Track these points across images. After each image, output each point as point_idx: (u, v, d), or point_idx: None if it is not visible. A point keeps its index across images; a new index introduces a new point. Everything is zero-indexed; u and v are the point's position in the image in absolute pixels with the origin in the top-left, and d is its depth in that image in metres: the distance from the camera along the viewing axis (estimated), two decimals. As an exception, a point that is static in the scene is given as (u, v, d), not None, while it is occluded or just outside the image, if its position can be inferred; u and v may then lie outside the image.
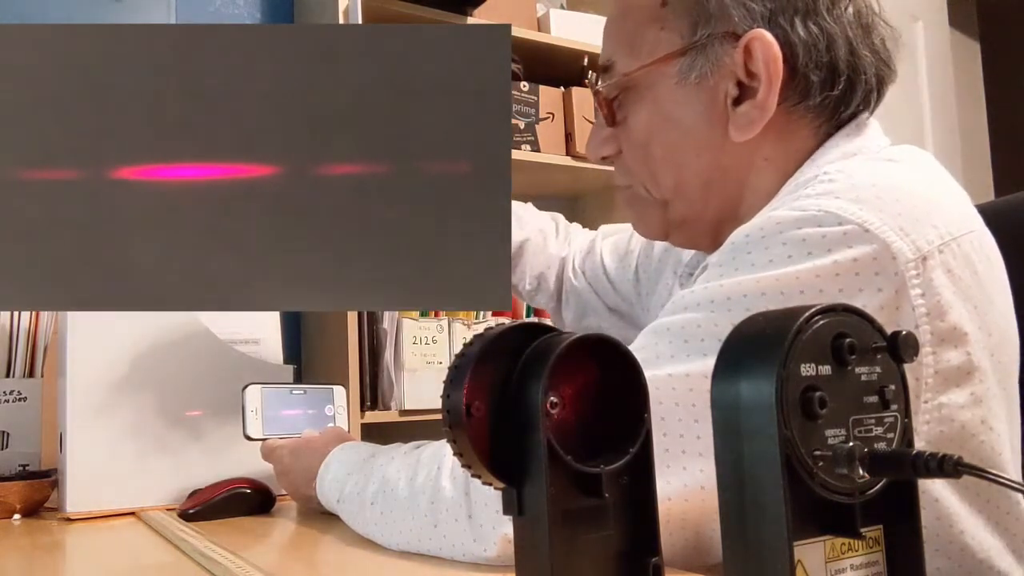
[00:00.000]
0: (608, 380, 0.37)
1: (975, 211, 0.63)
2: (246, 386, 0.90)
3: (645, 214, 0.73)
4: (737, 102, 0.64)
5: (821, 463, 0.28)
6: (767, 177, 0.66)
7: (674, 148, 0.67)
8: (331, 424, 0.94)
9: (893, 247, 0.53)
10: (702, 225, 0.70)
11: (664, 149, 0.68)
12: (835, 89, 0.65)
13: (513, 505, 0.35)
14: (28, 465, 1.09)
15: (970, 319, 0.55)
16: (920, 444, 0.53)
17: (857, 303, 0.42)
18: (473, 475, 0.36)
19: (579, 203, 2.42)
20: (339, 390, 0.97)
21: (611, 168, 0.78)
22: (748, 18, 0.62)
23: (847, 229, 0.53)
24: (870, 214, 0.53)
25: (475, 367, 0.35)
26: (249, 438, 0.89)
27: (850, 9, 0.65)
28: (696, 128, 0.66)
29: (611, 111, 0.70)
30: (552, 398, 0.35)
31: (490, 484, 0.36)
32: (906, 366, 0.31)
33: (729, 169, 0.67)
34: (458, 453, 0.36)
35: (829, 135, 0.66)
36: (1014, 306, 0.63)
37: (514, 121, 1.99)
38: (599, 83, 0.70)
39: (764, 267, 0.54)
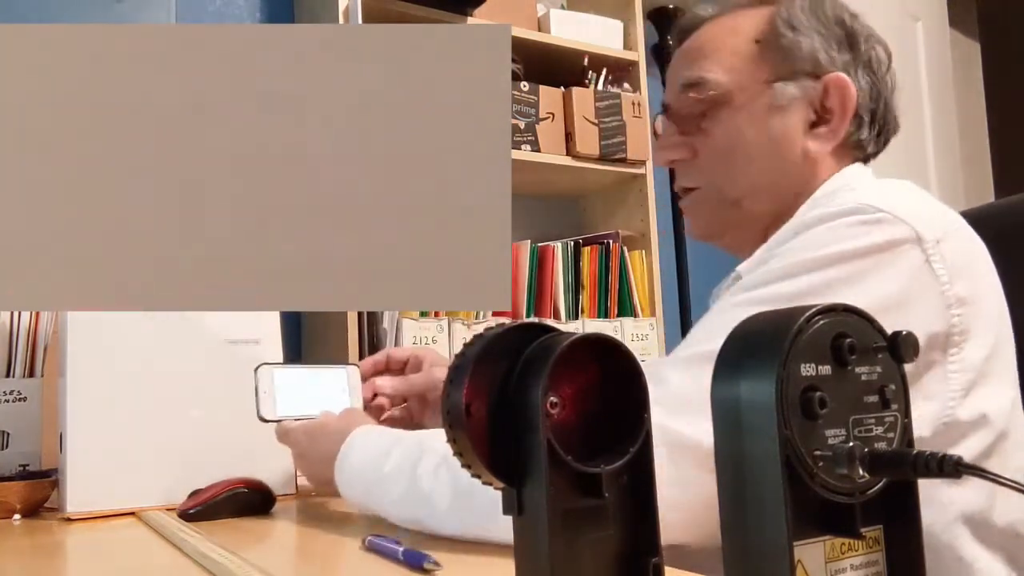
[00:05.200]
0: (608, 380, 0.37)
1: (958, 215, 0.77)
2: (259, 366, 0.88)
3: (711, 212, 0.84)
4: (813, 126, 0.80)
5: (821, 463, 0.28)
6: (813, 188, 0.82)
7: (756, 153, 0.80)
8: (347, 405, 0.93)
9: (918, 229, 0.66)
10: (758, 225, 0.82)
11: (747, 154, 0.81)
12: (871, 132, 0.84)
13: (513, 505, 0.35)
14: (28, 465, 1.09)
15: (968, 292, 0.67)
16: (950, 393, 0.65)
17: (896, 272, 0.64)
18: (473, 475, 0.36)
19: (579, 203, 2.42)
20: (352, 369, 0.97)
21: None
22: (830, 63, 0.80)
23: (880, 216, 0.66)
24: (896, 208, 0.67)
25: (475, 367, 0.35)
26: (263, 419, 0.86)
27: (891, 71, 0.87)
28: (777, 140, 0.80)
29: (693, 120, 0.82)
30: (552, 398, 0.35)
31: (490, 484, 0.36)
32: (937, 323, 0.31)
33: (792, 176, 0.81)
34: (458, 453, 0.36)
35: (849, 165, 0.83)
36: (1016, 303, 0.73)
37: (514, 121, 1.99)
38: (686, 95, 0.82)
39: (818, 248, 0.65)
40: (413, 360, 1.02)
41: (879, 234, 0.65)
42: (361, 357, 1.75)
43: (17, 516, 0.93)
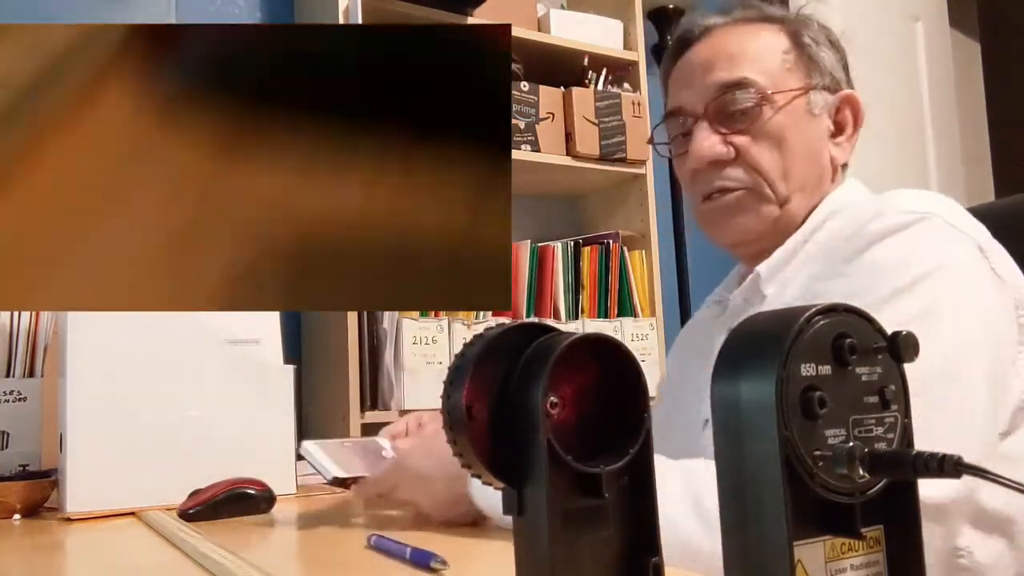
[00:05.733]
0: (608, 380, 0.37)
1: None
2: (302, 444, 0.86)
3: (756, 213, 0.85)
4: (832, 136, 0.86)
5: (821, 463, 0.28)
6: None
7: (801, 153, 0.84)
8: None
9: (974, 237, 0.72)
10: (789, 230, 0.85)
11: (793, 152, 0.83)
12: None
13: (513, 505, 0.35)
14: (28, 465, 1.09)
15: (1019, 294, 0.73)
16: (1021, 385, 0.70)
17: (983, 276, 0.70)
18: (473, 475, 0.36)
19: (579, 203, 2.42)
20: (383, 440, 0.94)
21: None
22: (845, 81, 0.88)
23: (949, 223, 0.71)
24: (956, 218, 0.73)
25: (475, 367, 0.35)
26: (339, 480, 0.81)
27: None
28: (813, 144, 0.85)
29: (734, 120, 0.84)
30: (552, 398, 0.35)
31: (490, 484, 0.36)
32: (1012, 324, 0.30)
33: (823, 182, 0.87)
34: (458, 453, 0.36)
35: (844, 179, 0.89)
36: None
37: (514, 121, 1.99)
38: (727, 95, 0.84)
39: (913, 262, 0.69)
40: (412, 425, 0.98)
41: (960, 242, 0.71)
42: (361, 357, 1.75)
43: (17, 516, 0.93)
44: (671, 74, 0.93)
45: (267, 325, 1.08)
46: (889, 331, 0.31)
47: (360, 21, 1.80)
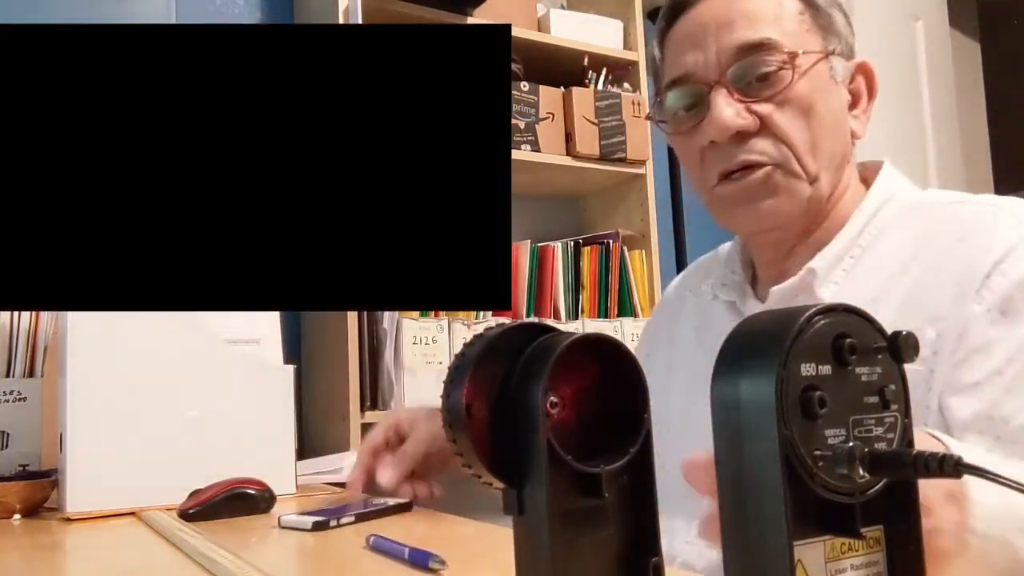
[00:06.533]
0: (608, 380, 0.37)
1: None
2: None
3: (791, 190, 0.75)
4: (849, 108, 0.79)
5: (821, 463, 0.28)
6: (855, 183, 0.81)
7: (828, 123, 0.76)
8: None
9: None
10: (823, 211, 0.78)
11: (821, 122, 0.75)
12: None
13: (513, 505, 0.35)
14: (28, 465, 1.09)
15: None
16: None
17: None
18: (473, 475, 0.36)
19: (579, 203, 2.42)
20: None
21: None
22: (853, 48, 0.80)
23: None
24: None
25: (475, 367, 0.35)
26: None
27: None
28: (838, 114, 0.77)
29: (755, 86, 0.74)
30: (552, 398, 0.35)
31: (490, 484, 0.36)
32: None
33: (848, 157, 0.79)
34: (458, 453, 0.36)
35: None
36: None
37: (514, 121, 1.99)
38: (750, 57, 0.75)
39: None
40: (392, 435, 0.94)
41: None
42: (361, 357, 1.75)
43: (17, 516, 0.93)
44: (669, 36, 0.81)
45: (267, 325, 1.08)
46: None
47: (360, 21, 1.80)
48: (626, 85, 2.21)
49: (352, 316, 1.75)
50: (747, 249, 0.88)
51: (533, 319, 2.00)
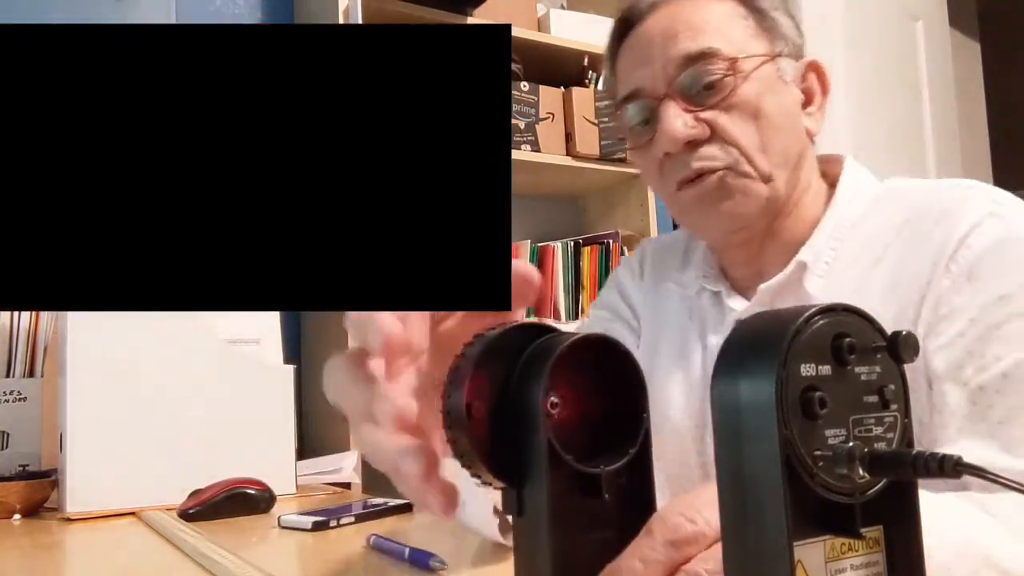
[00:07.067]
0: (608, 380, 0.37)
1: None
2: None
3: (745, 190, 0.77)
4: (803, 106, 0.80)
5: (821, 463, 0.28)
6: (816, 179, 0.82)
7: (778, 124, 0.77)
8: None
9: None
10: (784, 209, 0.79)
11: (771, 123, 0.76)
12: None
13: (513, 505, 0.35)
14: (28, 465, 1.09)
15: None
16: None
17: None
18: (473, 475, 0.36)
19: (579, 203, 2.42)
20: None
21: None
22: (802, 48, 0.81)
23: None
24: None
25: (475, 367, 0.35)
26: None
27: None
28: (790, 114, 0.79)
29: (702, 95, 0.76)
30: (552, 398, 0.35)
31: (490, 484, 0.36)
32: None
33: (805, 157, 0.81)
34: (458, 454, 0.35)
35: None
36: None
37: (514, 121, 1.99)
38: (694, 68, 0.76)
39: None
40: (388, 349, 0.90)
41: None
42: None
43: (17, 516, 0.93)
44: (619, 55, 0.85)
45: (267, 325, 1.08)
46: None
47: (360, 21, 1.80)
48: (626, 85, 2.21)
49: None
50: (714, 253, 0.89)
51: (533, 319, 2.00)
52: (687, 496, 0.37)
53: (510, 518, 0.36)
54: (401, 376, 0.41)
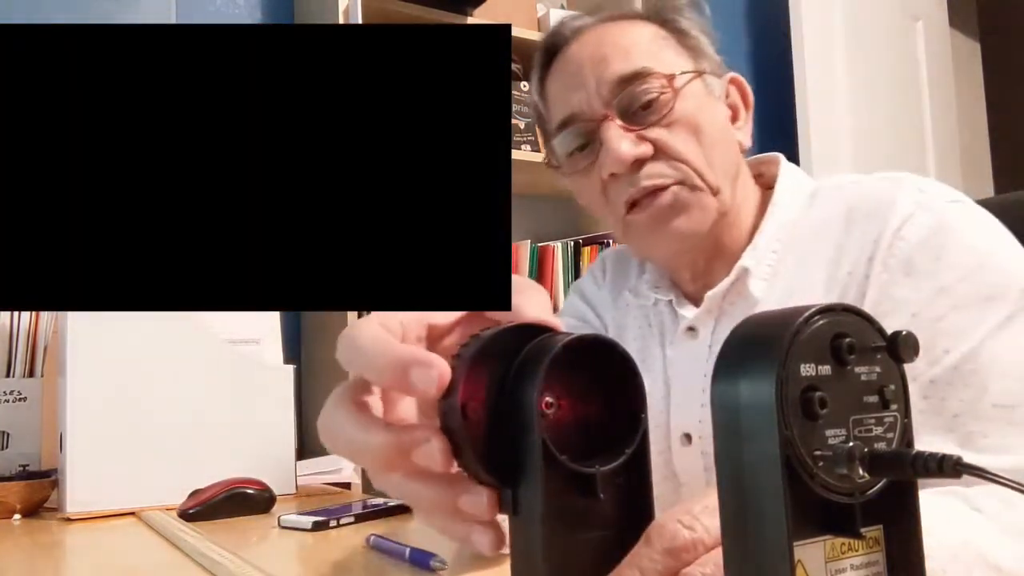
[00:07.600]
0: (604, 380, 0.37)
1: None
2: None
3: (700, 203, 0.77)
4: (731, 121, 0.83)
5: (821, 463, 0.28)
6: (752, 188, 0.84)
7: (716, 138, 0.78)
8: None
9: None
10: (734, 221, 0.81)
11: (710, 137, 0.78)
12: None
13: (508, 505, 0.35)
14: (28, 465, 1.09)
15: None
16: None
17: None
18: (470, 475, 0.36)
19: (579, 203, 2.42)
20: None
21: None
22: (722, 65, 0.84)
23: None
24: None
25: (471, 368, 0.35)
26: None
27: None
28: (724, 128, 0.81)
29: (640, 114, 0.77)
30: (548, 398, 0.35)
31: (486, 484, 0.36)
32: None
33: (741, 169, 0.82)
34: (454, 454, 0.35)
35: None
36: None
37: (514, 121, 1.99)
38: (630, 89, 0.76)
39: (994, 236, 0.71)
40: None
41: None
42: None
43: (17, 516, 0.93)
44: (548, 81, 0.84)
45: (267, 325, 1.08)
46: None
47: (360, 21, 1.80)
48: (626, 85, 2.21)
49: (352, 316, 1.75)
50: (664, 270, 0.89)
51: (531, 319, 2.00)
52: (685, 503, 0.37)
53: (507, 518, 0.36)
54: (402, 404, 0.42)
